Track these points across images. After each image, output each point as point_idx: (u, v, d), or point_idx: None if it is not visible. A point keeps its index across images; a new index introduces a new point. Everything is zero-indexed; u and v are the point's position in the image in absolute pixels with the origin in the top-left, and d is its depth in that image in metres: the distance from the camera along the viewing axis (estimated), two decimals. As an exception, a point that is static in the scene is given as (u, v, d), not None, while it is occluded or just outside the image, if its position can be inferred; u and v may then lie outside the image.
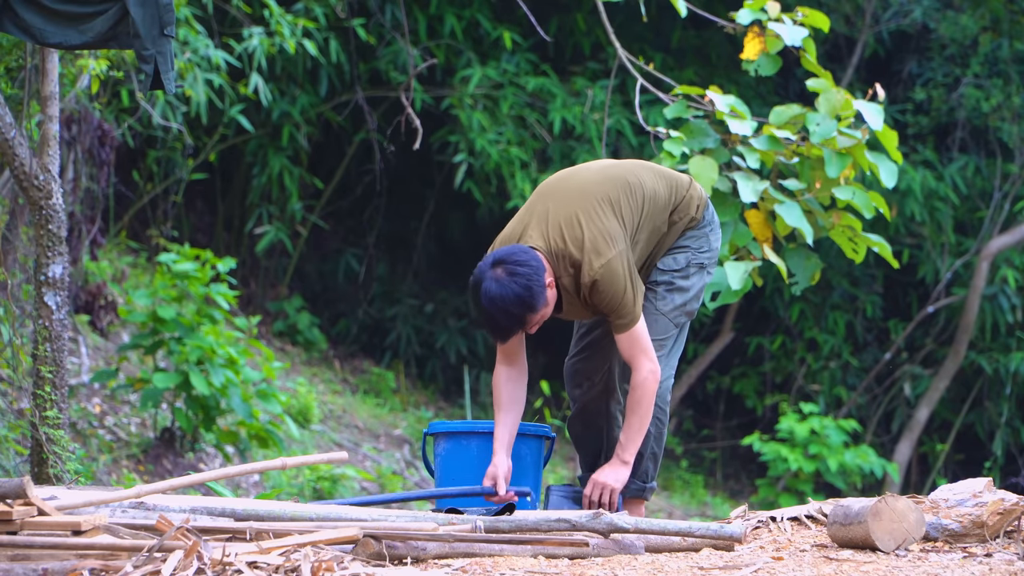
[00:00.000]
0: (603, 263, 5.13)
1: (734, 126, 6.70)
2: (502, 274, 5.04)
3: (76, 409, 9.53)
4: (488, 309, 5.04)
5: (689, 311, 5.46)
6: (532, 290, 5.04)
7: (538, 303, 5.06)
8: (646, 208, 5.30)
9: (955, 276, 14.27)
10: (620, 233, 5.19)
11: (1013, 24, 14.25)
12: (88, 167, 9.47)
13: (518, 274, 5.04)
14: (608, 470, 5.30)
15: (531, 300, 5.04)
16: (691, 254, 5.45)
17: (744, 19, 6.92)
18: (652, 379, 5.23)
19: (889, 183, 6.72)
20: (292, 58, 12.41)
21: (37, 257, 6.17)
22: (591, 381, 5.56)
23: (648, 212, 5.30)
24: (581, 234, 5.15)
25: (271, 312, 13.57)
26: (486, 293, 5.03)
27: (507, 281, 5.03)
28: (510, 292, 5.02)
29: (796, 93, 13.68)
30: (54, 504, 4.00)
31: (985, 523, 4.71)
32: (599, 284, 5.13)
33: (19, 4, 5.55)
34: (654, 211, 5.32)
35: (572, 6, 13.67)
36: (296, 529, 4.11)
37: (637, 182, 5.33)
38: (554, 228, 5.18)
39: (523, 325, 5.10)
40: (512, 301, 5.02)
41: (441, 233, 14.77)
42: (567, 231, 5.16)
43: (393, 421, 12.74)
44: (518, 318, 5.06)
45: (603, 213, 5.20)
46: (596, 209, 5.19)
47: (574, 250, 5.15)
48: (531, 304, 5.05)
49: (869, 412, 14.53)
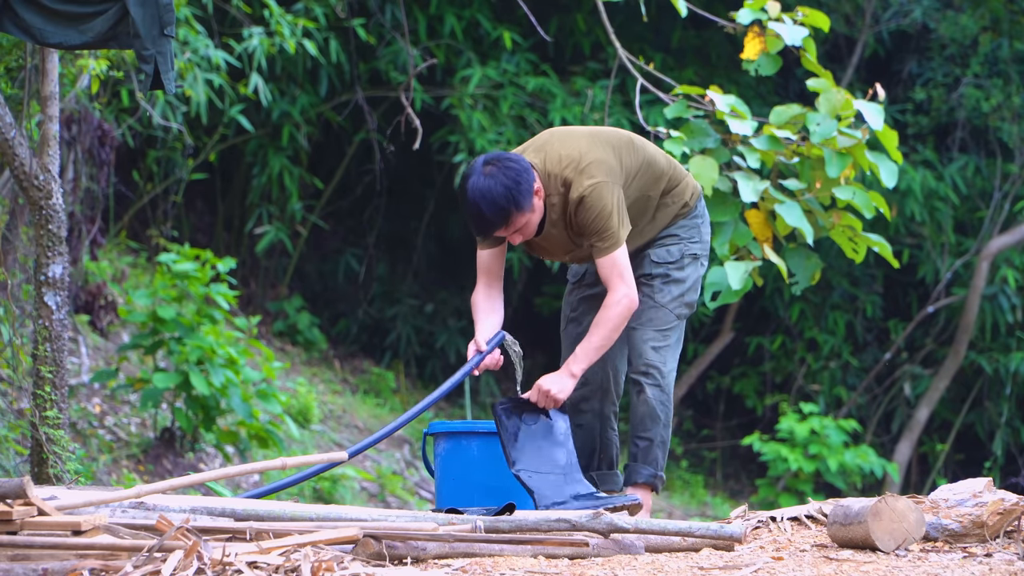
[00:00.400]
0: (594, 183, 5.27)
1: (734, 126, 6.71)
2: (492, 169, 5.21)
3: (76, 409, 9.53)
4: (474, 200, 5.19)
5: (688, 302, 5.55)
6: (520, 186, 5.19)
7: (524, 201, 5.20)
8: (643, 168, 5.43)
9: (955, 276, 14.27)
10: (617, 170, 5.33)
11: (1013, 24, 14.25)
12: (88, 167, 9.47)
13: (509, 169, 5.21)
14: (553, 376, 5.35)
15: (518, 196, 5.19)
16: (684, 245, 5.55)
17: (744, 19, 6.92)
18: (626, 303, 5.32)
19: (889, 183, 6.73)
20: (292, 58, 12.41)
21: (37, 257, 6.17)
22: (584, 378, 5.57)
23: (643, 173, 5.43)
24: (578, 158, 5.31)
25: (271, 312, 13.57)
26: (474, 185, 5.20)
27: (497, 174, 5.19)
28: (499, 185, 5.18)
29: (796, 93, 13.68)
30: (54, 504, 3.99)
31: (985, 523, 4.71)
32: (587, 200, 5.26)
33: (19, 4, 5.55)
34: (649, 175, 5.45)
35: (572, 6, 13.67)
36: (296, 529, 4.11)
37: (641, 144, 5.49)
38: (552, 155, 5.35)
39: (507, 221, 5.22)
40: (500, 194, 5.17)
41: (441, 233, 14.77)
42: (564, 157, 5.32)
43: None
44: (503, 211, 5.19)
45: (603, 150, 5.35)
46: (597, 145, 5.35)
47: (568, 171, 5.30)
48: (517, 200, 5.19)
49: (869, 412, 14.53)
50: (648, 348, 5.48)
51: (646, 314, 5.50)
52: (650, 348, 5.48)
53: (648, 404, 5.48)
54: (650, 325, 5.49)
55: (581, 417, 5.63)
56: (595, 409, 5.62)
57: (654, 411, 5.48)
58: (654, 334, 5.49)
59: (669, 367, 5.49)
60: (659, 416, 5.48)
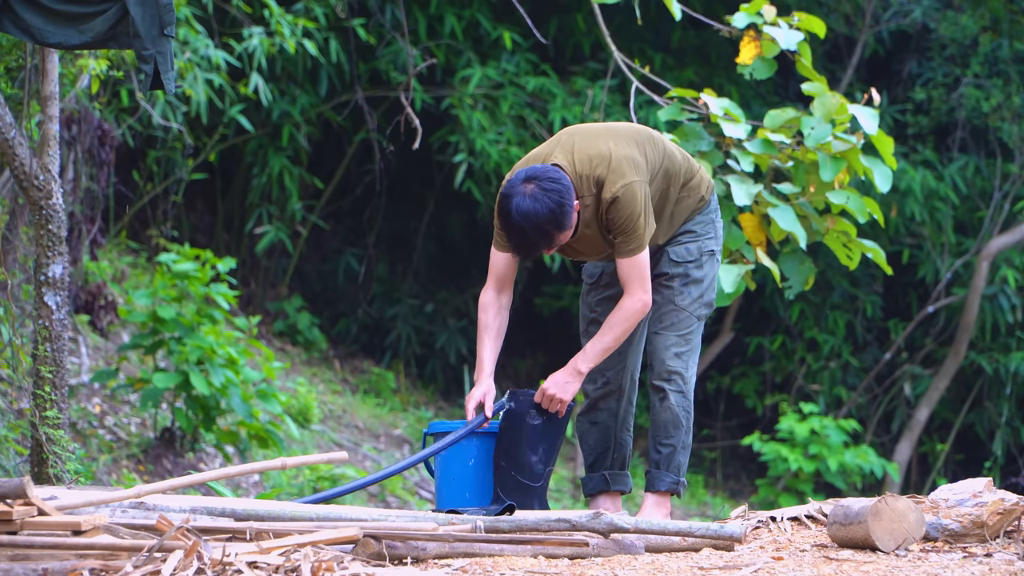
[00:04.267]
0: (625, 183, 5.24)
1: (728, 129, 6.71)
2: (535, 190, 5.13)
3: (76, 409, 9.53)
4: (520, 224, 5.11)
5: (707, 302, 5.55)
6: (564, 208, 5.14)
7: (567, 222, 5.17)
8: (664, 162, 5.42)
9: (955, 276, 14.27)
10: (644, 167, 5.31)
11: (1013, 24, 14.25)
12: (88, 167, 9.47)
13: (550, 191, 5.13)
14: (559, 375, 5.33)
15: (562, 218, 5.14)
16: (701, 242, 5.54)
17: (740, 23, 6.92)
18: (640, 307, 5.31)
19: (884, 187, 6.72)
20: (292, 58, 12.41)
21: (37, 257, 6.17)
22: (605, 378, 5.59)
23: (665, 168, 5.42)
24: (608, 156, 5.27)
25: (271, 312, 13.57)
26: (518, 208, 5.11)
27: (541, 196, 5.12)
28: (544, 208, 5.11)
29: (796, 93, 13.68)
30: (54, 504, 3.99)
31: (985, 523, 4.71)
32: (619, 201, 5.22)
33: (19, 4, 5.55)
34: (670, 169, 5.44)
35: (572, 6, 13.67)
36: (296, 529, 4.11)
37: (659, 137, 5.50)
38: (580, 155, 5.30)
39: (551, 244, 5.20)
40: (545, 218, 5.11)
41: (441, 233, 14.77)
42: (594, 157, 5.28)
43: (393, 421, 12.74)
44: (548, 235, 5.15)
45: (629, 146, 5.32)
46: (622, 142, 5.33)
47: (600, 170, 5.26)
48: (562, 222, 5.14)
49: (869, 412, 14.53)
50: (671, 354, 5.48)
51: (668, 318, 5.50)
52: (673, 354, 5.48)
53: (671, 411, 5.47)
54: (672, 330, 5.49)
55: (597, 415, 5.64)
56: (612, 409, 5.63)
57: (677, 418, 5.48)
58: (676, 339, 5.49)
59: (691, 372, 5.50)
60: (681, 423, 5.48)
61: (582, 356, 5.34)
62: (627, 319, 5.31)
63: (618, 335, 5.33)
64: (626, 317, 5.31)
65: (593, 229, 5.33)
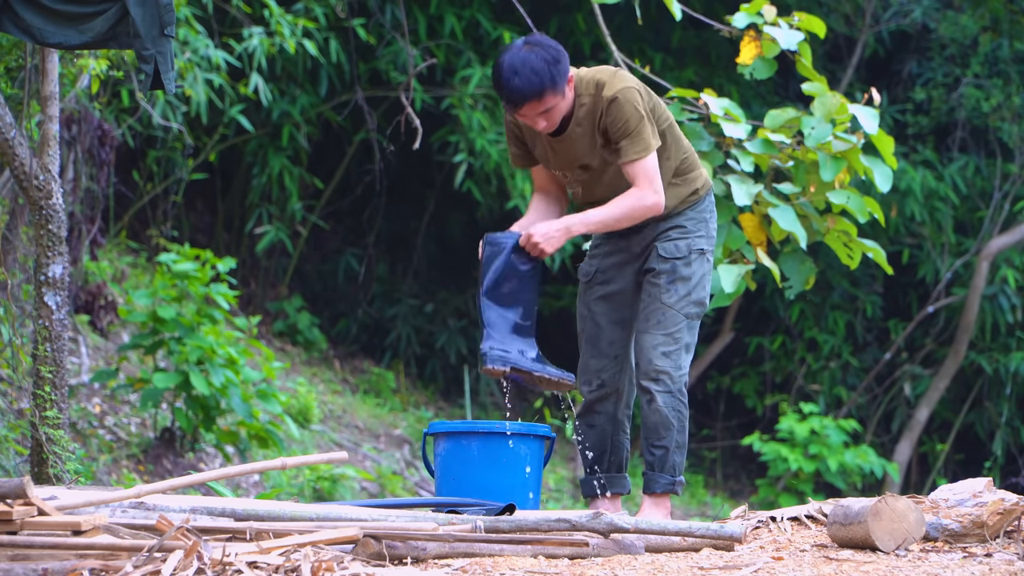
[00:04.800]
0: (626, 86, 5.27)
1: (728, 129, 6.70)
2: (532, 46, 5.21)
3: (76, 409, 9.53)
4: (512, 67, 5.15)
5: (697, 300, 5.48)
6: (559, 65, 5.19)
7: (560, 80, 5.19)
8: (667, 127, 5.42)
9: (955, 276, 14.28)
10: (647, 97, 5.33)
11: (1013, 24, 14.25)
12: (88, 167, 9.47)
13: (549, 48, 5.21)
14: (548, 226, 5.30)
15: (555, 73, 5.18)
16: (691, 239, 5.48)
17: (740, 23, 6.92)
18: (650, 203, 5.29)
19: (884, 187, 6.72)
20: (292, 58, 12.41)
21: (37, 257, 6.17)
22: (600, 380, 5.55)
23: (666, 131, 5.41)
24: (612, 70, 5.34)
25: (271, 312, 13.57)
26: (512, 56, 5.18)
27: (537, 50, 5.20)
28: (539, 58, 5.17)
29: (796, 93, 13.68)
30: (54, 504, 4.00)
31: (985, 523, 4.71)
32: (619, 102, 5.25)
33: (19, 4, 5.55)
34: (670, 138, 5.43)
35: (572, 6, 13.67)
36: (296, 529, 4.11)
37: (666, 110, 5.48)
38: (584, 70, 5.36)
39: (541, 95, 5.17)
40: (539, 66, 5.16)
41: (441, 233, 14.77)
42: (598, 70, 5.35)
43: (393, 421, 12.74)
44: (539, 84, 5.15)
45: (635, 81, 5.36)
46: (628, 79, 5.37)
47: (601, 76, 5.30)
48: (554, 76, 5.17)
49: (869, 412, 14.54)
50: (658, 354, 5.39)
51: (654, 316, 5.42)
52: (660, 354, 5.39)
53: (660, 413, 5.40)
54: (658, 329, 5.41)
55: (594, 419, 5.60)
56: (608, 412, 5.59)
57: (667, 419, 5.40)
58: (663, 338, 5.41)
59: (681, 371, 5.41)
60: (672, 423, 5.41)
61: (579, 217, 5.31)
62: (633, 208, 5.29)
63: (619, 216, 5.29)
64: (632, 206, 5.28)
65: (585, 129, 5.31)
